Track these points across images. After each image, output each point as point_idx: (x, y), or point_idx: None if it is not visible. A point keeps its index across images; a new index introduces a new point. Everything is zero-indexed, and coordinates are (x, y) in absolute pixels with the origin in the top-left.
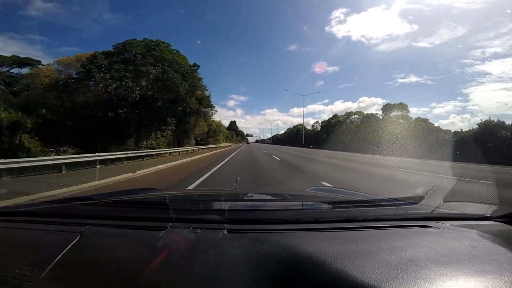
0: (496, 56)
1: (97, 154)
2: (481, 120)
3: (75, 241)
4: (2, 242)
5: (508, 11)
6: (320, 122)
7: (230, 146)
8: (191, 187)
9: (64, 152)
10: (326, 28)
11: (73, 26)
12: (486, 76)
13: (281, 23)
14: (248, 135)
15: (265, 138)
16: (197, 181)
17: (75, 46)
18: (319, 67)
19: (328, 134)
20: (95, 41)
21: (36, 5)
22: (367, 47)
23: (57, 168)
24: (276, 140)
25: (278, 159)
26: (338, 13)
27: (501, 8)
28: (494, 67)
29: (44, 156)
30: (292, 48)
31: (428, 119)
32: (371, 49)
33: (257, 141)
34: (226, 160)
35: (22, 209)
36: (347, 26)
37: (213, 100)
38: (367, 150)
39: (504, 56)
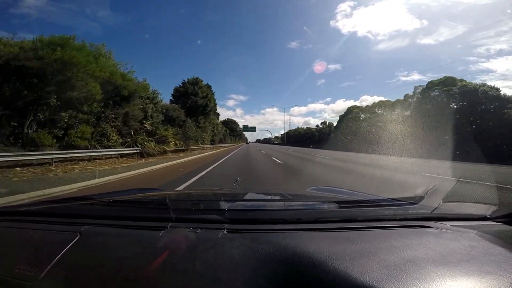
0: (501, 53)
1: None
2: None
3: (75, 241)
4: (2, 242)
5: (509, 11)
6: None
7: None
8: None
9: None
10: (331, 22)
11: (68, 24)
12: (490, 74)
13: (283, 20)
14: (246, 128)
15: (269, 137)
16: None
17: None
18: (320, 66)
19: None
20: (94, 40)
21: (27, 2)
22: (371, 43)
23: None
24: (289, 138)
25: None
26: (344, 6)
27: (503, 6)
28: (498, 64)
29: None
30: (293, 45)
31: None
32: (374, 46)
33: (257, 141)
34: None
35: (22, 209)
36: (353, 21)
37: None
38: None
39: (509, 53)
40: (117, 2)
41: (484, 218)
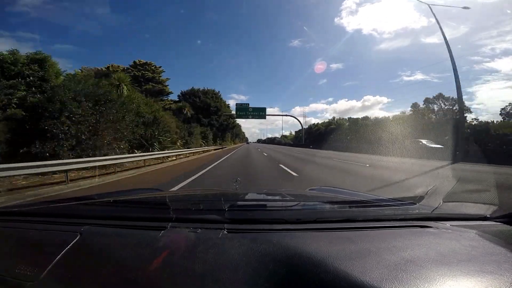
0: (506, 53)
1: None
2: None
3: (75, 241)
4: (2, 242)
5: (508, 11)
6: None
7: None
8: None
9: None
10: (336, 20)
11: (66, 22)
12: (493, 74)
13: (284, 17)
14: (245, 110)
15: (274, 136)
16: None
17: (69, 43)
18: (320, 65)
19: None
20: (93, 39)
21: (25, 0)
22: (376, 42)
23: None
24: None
25: None
26: (350, 3)
27: (503, 6)
28: (503, 64)
29: None
30: (295, 43)
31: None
32: (378, 45)
33: (258, 141)
34: None
35: (22, 209)
36: (358, 18)
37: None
38: None
39: None
40: (116, 1)
41: (484, 218)
